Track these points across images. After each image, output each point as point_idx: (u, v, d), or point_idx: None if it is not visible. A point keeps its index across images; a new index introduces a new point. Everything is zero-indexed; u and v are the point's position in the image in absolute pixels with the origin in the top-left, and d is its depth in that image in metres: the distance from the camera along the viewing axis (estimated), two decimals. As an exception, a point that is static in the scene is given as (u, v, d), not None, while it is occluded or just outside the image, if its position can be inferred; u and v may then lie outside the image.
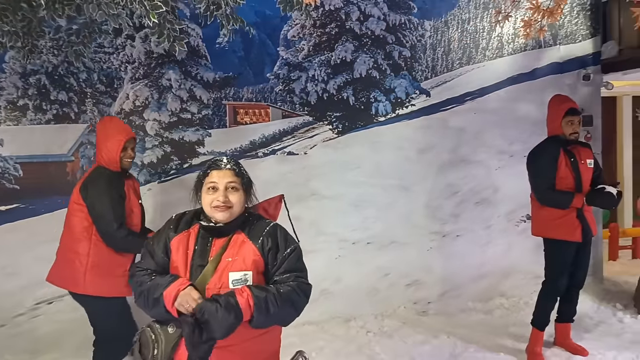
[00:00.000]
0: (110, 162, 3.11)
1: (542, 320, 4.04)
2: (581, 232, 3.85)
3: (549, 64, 5.25)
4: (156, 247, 2.07)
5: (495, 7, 4.76)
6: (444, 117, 5.06)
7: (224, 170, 2.03)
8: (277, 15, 4.56)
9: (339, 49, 4.76)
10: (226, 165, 2.05)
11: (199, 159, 4.50)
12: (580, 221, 3.85)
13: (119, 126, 3.22)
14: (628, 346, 4.17)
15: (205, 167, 2.09)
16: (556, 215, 3.89)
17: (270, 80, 4.66)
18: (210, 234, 2.03)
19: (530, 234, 4.17)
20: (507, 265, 5.23)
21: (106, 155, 3.11)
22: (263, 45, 4.60)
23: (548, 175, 3.88)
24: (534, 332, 4.06)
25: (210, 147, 4.53)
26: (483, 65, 5.15)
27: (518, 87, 5.20)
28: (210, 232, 2.03)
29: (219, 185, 2.00)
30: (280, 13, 4.52)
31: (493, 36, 5.17)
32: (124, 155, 3.13)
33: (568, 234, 3.87)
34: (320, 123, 4.77)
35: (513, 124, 5.20)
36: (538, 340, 4.03)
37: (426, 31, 5.00)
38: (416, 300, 5.03)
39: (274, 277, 2.01)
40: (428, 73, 5.02)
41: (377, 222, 4.93)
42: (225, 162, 2.08)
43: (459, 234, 5.13)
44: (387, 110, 4.90)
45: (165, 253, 2.05)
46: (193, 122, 4.49)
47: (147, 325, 2.01)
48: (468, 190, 5.15)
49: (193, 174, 4.50)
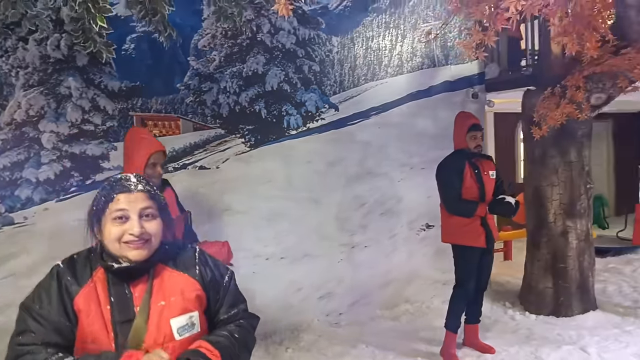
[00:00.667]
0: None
1: (455, 323, 4.29)
2: (485, 239, 4.16)
3: (442, 82, 5.64)
4: (48, 310, 1.50)
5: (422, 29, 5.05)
6: (351, 130, 5.19)
7: (135, 194, 1.56)
8: (187, 24, 4.37)
9: (251, 60, 4.68)
10: (137, 186, 1.58)
11: (103, 174, 4.14)
12: (484, 228, 4.16)
13: (146, 139, 2.96)
14: (525, 341, 4.57)
15: (106, 190, 1.57)
16: (462, 223, 4.16)
17: (181, 90, 4.44)
18: (123, 279, 1.56)
19: (429, 242, 4.45)
20: (409, 272, 5.49)
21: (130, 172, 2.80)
22: (173, 54, 4.37)
23: (455, 186, 4.15)
24: (447, 334, 4.29)
25: (116, 161, 4.18)
26: (386, 82, 5.37)
27: (416, 103, 5.50)
28: (122, 276, 1.55)
29: (131, 213, 1.53)
30: (191, 22, 4.34)
31: (394, 54, 5.43)
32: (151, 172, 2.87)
33: (473, 240, 4.16)
34: (233, 136, 4.64)
35: (413, 138, 5.49)
36: (452, 342, 4.27)
37: (334, 47, 5.10)
38: (328, 312, 5.08)
39: (219, 315, 1.67)
40: (336, 88, 5.12)
41: (289, 236, 4.90)
42: (134, 181, 1.59)
43: (367, 244, 5.29)
44: (298, 123, 4.91)
45: (65, 316, 1.50)
46: (96, 135, 4.11)
47: None
48: (374, 201, 5.33)
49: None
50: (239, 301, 1.72)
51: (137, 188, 1.57)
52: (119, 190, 1.55)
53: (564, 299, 5.14)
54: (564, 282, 5.13)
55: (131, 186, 1.57)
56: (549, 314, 5.14)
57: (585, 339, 4.54)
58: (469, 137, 4.20)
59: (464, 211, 4.16)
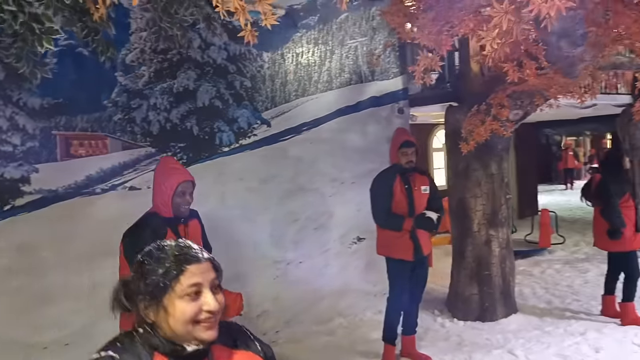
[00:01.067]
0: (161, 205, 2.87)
1: (392, 334, 4.39)
2: (413, 252, 4.29)
3: (369, 97, 5.75)
4: None
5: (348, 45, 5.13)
6: (283, 146, 5.17)
7: (204, 263, 1.34)
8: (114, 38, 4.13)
9: (181, 76, 4.53)
10: (202, 253, 1.36)
11: (24, 199, 3.81)
12: (412, 242, 4.28)
13: (175, 168, 2.97)
14: (457, 348, 4.77)
15: (166, 260, 1.32)
16: (394, 236, 4.29)
17: (108, 108, 4.19)
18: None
19: (360, 255, 4.53)
20: (342, 286, 5.53)
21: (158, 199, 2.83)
22: (99, 70, 4.10)
23: (384, 200, 4.28)
24: (386, 347, 4.38)
25: (38, 184, 3.87)
26: (316, 97, 5.40)
27: (345, 119, 5.58)
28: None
29: (203, 288, 1.32)
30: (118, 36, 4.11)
31: (323, 70, 5.47)
32: (180, 200, 2.88)
33: (403, 253, 4.28)
34: (164, 154, 4.45)
35: (343, 153, 5.55)
36: (391, 354, 4.37)
37: (265, 62, 5.05)
38: (265, 331, 4.99)
39: None
40: (268, 103, 5.08)
41: (224, 255, 4.75)
42: (196, 248, 1.37)
43: (301, 260, 5.27)
44: (230, 140, 4.81)
45: None
46: (15, 156, 3.78)
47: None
48: (306, 217, 5.33)
49: (16, 217, 3.88)
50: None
51: (204, 256, 1.35)
52: (189, 261, 1.32)
53: (489, 305, 5.41)
54: (488, 288, 5.41)
55: (199, 254, 1.34)
56: (475, 319, 5.39)
57: (512, 342, 4.81)
58: (400, 153, 4.31)
59: (391, 224, 4.28)
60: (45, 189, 3.91)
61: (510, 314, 5.49)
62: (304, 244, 5.30)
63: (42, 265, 3.89)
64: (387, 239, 4.36)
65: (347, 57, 5.61)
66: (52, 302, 3.93)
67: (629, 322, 5.01)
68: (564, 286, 6.62)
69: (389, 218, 4.28)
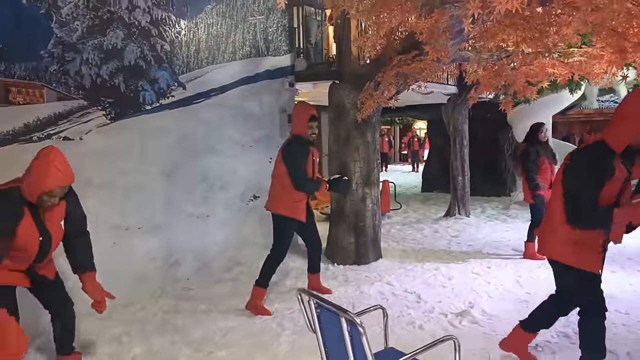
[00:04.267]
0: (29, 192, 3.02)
1: (266, 280, 4.89)
2: (306, 214, 4.96)
3: (265, 70, 6.41)
4: None
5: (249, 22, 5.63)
6: (195, 109, 5.60)
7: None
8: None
9: (110, 34, 4.73)
10: None
11: (-36, 143, 3.79)
12: (307, 205, 4.96)
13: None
14: (345, 283, 5.72)
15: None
16: (295, 199, 4.81)
17: (45, 58, 4.27)
18: None
19: (256, 211, 5.00)
20: (241, 238, 6.15)
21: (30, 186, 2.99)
22: (36, 20, 4.17)
23: (305, 168, 4.79)
24: (256, 290, 4.86)
25: (-21, 129, 3.87)
26: (223, 66, 5.90)
27: (246, 88, 6.18)
28: None
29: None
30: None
31: (229, 42, 5.98)
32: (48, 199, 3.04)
33: (299, 214, 4.86)
34: (94, 108, 4.63)
35: (243, 118, 6.15)
36: (260, 295, 4.87)
37: (182, 29, 5.42)
38: (178, 278, 5.41)
39: None
40: (184, 68, 5.45)
41: (145, 208, 5.08)
42: None
43: (208, 214, 5.77)
44: (152, 99, 5.12)
45: None
46: (-44, 99, 3.74)
47: None
48: (214, 176, 5.83)
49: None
50: None
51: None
52: None
53: (363, 251, 6.49)
54: (363, 237, 6.48)
55: None
56: (352, 263, 6.41)
57: (386, 277, 5.92)
58: (309, 127, 4.81)
59: (311, 188, 4.87)
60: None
61: (378, 258, 6.64)
62: (211, 199, 5.80)
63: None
64: (287, 200, 4.82)
65: (248, 32, 6.20)
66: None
67: (527, 256, 6.53)
68: (409, 240, 8.04)
69: (310, 182, 4.82)
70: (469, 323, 4.46)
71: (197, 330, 4.36)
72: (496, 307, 4.80)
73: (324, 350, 2.63)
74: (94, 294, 3.33)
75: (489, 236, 8.11)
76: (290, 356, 3.86)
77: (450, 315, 4.66)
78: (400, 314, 4.72)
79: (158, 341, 4.14)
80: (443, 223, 9.34)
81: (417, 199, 12.81)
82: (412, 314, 4.72)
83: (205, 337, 4.23)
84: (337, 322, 2.31)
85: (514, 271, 6.05)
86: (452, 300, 5.09)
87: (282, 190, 4.85)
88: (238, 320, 4.61)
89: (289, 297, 5.20)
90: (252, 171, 6.19)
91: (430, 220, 9.70)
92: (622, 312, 4.59)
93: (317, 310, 2.53)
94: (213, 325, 4.49)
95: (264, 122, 6.27)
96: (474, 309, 4.74)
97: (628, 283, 5.45)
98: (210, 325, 4.49)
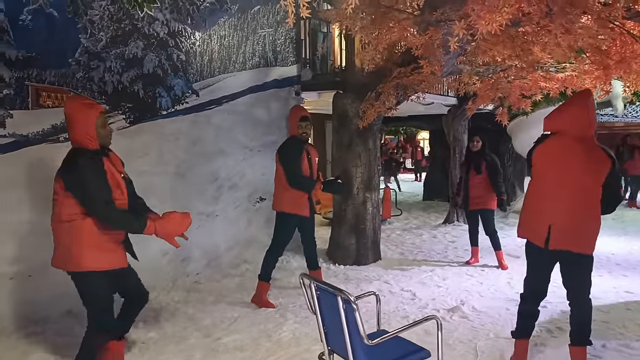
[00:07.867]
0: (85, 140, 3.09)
1: (267, 275, 5.16)
2: (309, 210, 5.23)
3: (273, 79, 6.79)
4: None
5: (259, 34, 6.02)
6: (208, 114, 5.97)
7: None
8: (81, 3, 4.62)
9: (131, 45, 5.12)
10: None
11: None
12: (309, 202, 5.20)
13: (88, 102, 3.17)
14: (346, 281, 6.08)
15: None
16: (297, 196, 5.08)
17: (72, 65, 4.65)
18: None
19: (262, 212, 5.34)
20: (248, 237, 6.51)
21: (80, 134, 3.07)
22: (66, 30, 4.56)
23: (299, 165, 5.03)
24: (261, 284, 5.14)
25: (12, 128, 4.24)
26: (234, 75, 6.28)
27: (254, 96, 6.55)
28: None
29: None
30: (84, 1, 4.62)
31: (240, 52, 6.37)
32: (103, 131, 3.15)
33: (301, 210, 5.13)
34: (115, 112, 5.01)
35: (252, 124, 6.52)
36: (264, 289, 5.16)
37: (197, 40, 5.80)
38: (189, 273, 5.77)
39: None
40: (197, 76, 5.83)
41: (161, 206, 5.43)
42: None
43: (218, 213, 6.13)
44: (168, 105, 5.50)
45: None
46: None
47: None
48: (224, 177, 6.20)
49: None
50: None
51: None
52: None
53: (363, 252, 6.84)
54: (363, 239, 6.83)
55: None
56: (352, 264, 6.76)
57: (384, 277, 6.26)
58: (299, 127, 5.08)
59: (306, 186, 5.11)
60: (18, 134, 4.29)
61: (377, 260, 6.99)
62: (221, 199, 6.17)
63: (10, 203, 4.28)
64: (289, 198, 5.08)
65: (258, 44, 6.58)
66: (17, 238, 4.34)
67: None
68: (408, 244, 8.37)
69: (304, 180, 5.07)
70: (459, 318, 4.79)
71: (206, 319, 4.71)
72: (485, 305, 5.13)
73: (323, 330, 2.98)
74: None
75: (485, 242, 8.40)
76: (293, 342, 4.19)
77: (443, 310, 4.99)
78: (396, 309, 5.06)
79: (170, 327, 4.49)
80: (441, 229, 9.68)
81: (418, 207, 13.12)
82: (407, 309, 5.06)
83: (213, 325, 4.58)
84: (334, 302, 2.65)
85: (507, 274, 6.38)
86: (445, 298, 5.42)
87: (283, 189, 5.09)
88: (244, 311, 4.96)
89: (292, 293, 5.54)
90: (259, 174, 6.56)
91: (430, 227, 10.03)
92: (603, 310, 4.92)
93: (317, 292, 2.88)
94: (221, 314, 4.84)
95: (271, 128, 6.64)
96: (464, 305, 5.07)
97: (612, 286, 5.78)
98: (218, 314, 4.84)
